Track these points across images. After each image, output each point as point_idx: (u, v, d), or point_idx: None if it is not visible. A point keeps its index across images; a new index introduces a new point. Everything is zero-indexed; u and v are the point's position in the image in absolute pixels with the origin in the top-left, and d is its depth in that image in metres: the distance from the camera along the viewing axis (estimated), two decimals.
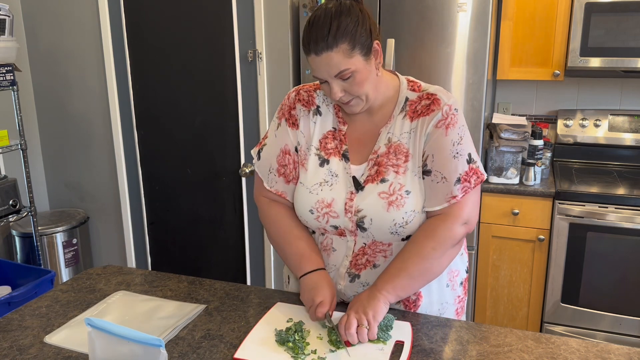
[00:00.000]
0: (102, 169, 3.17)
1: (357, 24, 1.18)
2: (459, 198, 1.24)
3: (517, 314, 2.66)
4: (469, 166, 1.25)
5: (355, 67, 1.19)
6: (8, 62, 2.62)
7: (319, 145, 1.34)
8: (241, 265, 3.01)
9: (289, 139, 1.37)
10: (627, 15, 2.39)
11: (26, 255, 3.02)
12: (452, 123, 1.25)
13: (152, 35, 2.87)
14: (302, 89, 1.38)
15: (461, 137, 1.25)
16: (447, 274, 1.38)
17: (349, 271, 1.33)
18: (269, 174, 1.39)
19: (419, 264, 1.24)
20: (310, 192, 1.31)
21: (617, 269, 2.41)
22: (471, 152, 1.27)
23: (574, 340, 1.21)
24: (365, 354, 1.15)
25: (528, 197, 2.50)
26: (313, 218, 1.32)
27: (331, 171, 1.31)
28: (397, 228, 1.26)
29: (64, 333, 1.26)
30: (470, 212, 1.27)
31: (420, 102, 1.28)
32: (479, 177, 1.27)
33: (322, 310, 1.23)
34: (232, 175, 2.91)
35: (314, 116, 1.35)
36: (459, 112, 1.27)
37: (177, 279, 1.53)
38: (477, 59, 2.35)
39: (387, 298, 1.22)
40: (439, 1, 2.34)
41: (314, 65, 1.21)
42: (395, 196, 1.25)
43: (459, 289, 1.43)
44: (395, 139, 1.28)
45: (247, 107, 2.78)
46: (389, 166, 1.27)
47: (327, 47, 1.16)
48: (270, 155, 1.38)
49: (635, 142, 2.79)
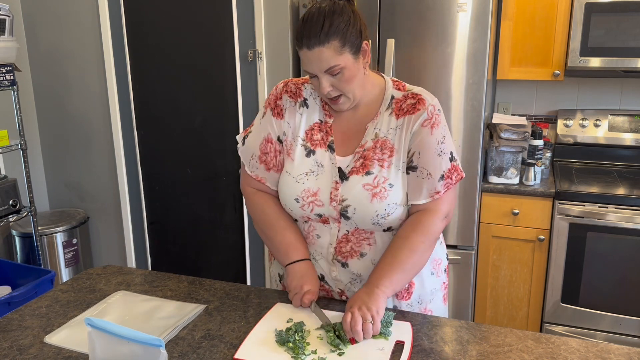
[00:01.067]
0: (102, 169, 3.17)
1: (348, 24, 1.24)
2: (442, 194, 1.32)
3: (517, 314, 2.66)
4: (451, 164, 1.33)
5: (344, 64, 1.25)
6: (8, 62, 2.62)
7: (305, 136, 1.39)
8: (241, 265, 3.01)
9: (273, 128, 1.42)
10: (627, 15, 2.39)
11: (26, 255, 3.02)
12: (437, 123, 1.32)
13: (152, 35, 2.87)
14: (291, 82, 1.44)
15: (444, 137, 1.33)
16: (431, 263, 1.45)
17: (336, 258, 1.38)
18: (251, 159, 1.45)
19: (410, 257, 1.30)
20: (297, 182, 1.36)
21: (617, 269, 2.41)
22: (452, 151, 1.35)
23: (574, 340, 1.21)
24: (366, 354, 1.15)
25: (528, 197, 2.50)
26: (298, 207, 1.37)
27: (317, 161, 1.37)
28: (379, 219, 1.31)
29: (64, 333, 1.26)
30: (449, 207, 1.36)
31: (406, 100, 1.34)
32: (459, 174, 1.35)
33: (310, 297, 1.31)
34: (232, 175, 2.91)
35: (300, 108, 1.41)
36: (441, 112, 1.35)
37: (177, 279, 1.53)
38: (477, 59, 2.35)
39: (385, 293, 1.26)
40: (439, 1, 2.34)
41: (305, 60, 1.27)
42: (379, 188, 1.31)
43: (443, 276, 1.50)
44: (382, 134, 1.34)
45: (247, 107, 2.78)
46: (375, 160, 1.33)
47: (319, 43, 1.23)
48: (254, 143, 1.44)
49: (635, 142, 2.79)
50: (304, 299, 1.31)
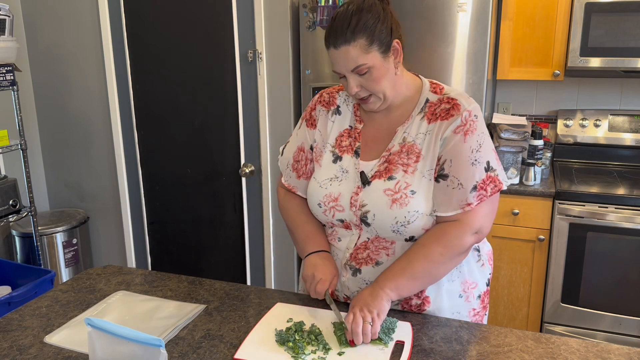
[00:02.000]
0: (102, 169, 3.17)
1: (377, 21, 1.21)
2: (474, 206, 1.23)
3: (517, 314, 2.66)
4: (486, 174, 1.24)
5: (372, 63, 1.22)
6: (8, 62, 2.62)
7: (335, 142, 1.39)
8: (241, 265, 3.01)
9: (306, 138, 1.44)
10: (627, 15, 2.39)
11: (26, 255, 3.02)
12: (471, 130, 1.24)
13: (152, 35, 2.87)
14: (326, 92, 1.45)
15: (480, 144, 1.24)
16: (461, 284, 1.36)
17: (349, 263, 1.35)
18: (287, 168, 1.49)
19: (424, 266, 1.24)
20: (320, 187, 1.35)
21: (617, 269, 2.41)
22: (490, 160, 1.25)
23: (574, 340, 1.21)
24: (366, 354, 1.15)
25: (528, 197, 2.50)
26: (321, 212, 1.36)
27: (342, 167, 1.35)
28: (399, 226, 1.25)
29: (64, 333, 1.26)
30: (483, 221, 1.25)
31: (440, 104, 1.28)
32: (496, 185, 1.25)
33: (322, 287, 1.29)
34: (232, 175, 2.91)
35: (333, 115, 1.41)
36: (480, 118, 1.26)
37: (177, 279, 1.53)
38: (477, 59, 2.35)
39: (389, 296, 1.23)
40: (439, 1, 2.34)
41: (333, 59, 1.25)
42: (400, 194, 1.25)
43: (475, 302, 1.39)
44: (410, 138, 1.29)
45: (247, 107, 2.78)
46: (399, 165, 1.28)
47: (345, 41, 1.20)
48: (289, 153, 1.48)
49: (635, 142, 2.79)
50: (317, 287, 1.29)
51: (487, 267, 1.43)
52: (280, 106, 2.72)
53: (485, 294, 1.42)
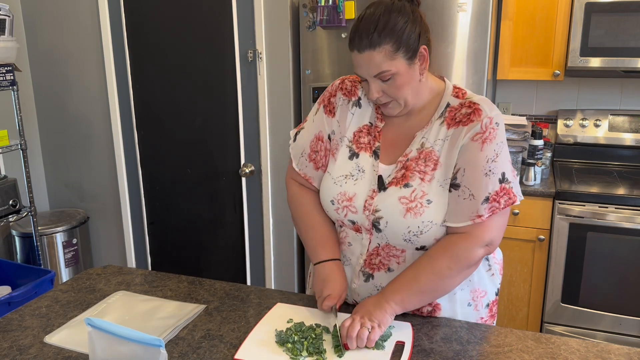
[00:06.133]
0: (102, 169, 3.17)
1: (406, 24, 1.15)
2: (485, 218, 1.19)
3: (517, 314, 2.66)
4: (500, 186, 1.18)
5: (396, 70, 1.16)
6: (8, 62, 2.62)
7: (353, 137, 1.33)
8: (241, 265, 3.01)
9: (324, 126, 1.36)
10: (627, 15, 2.39)
11: (26, 255, 3.02)
12: (490, 138, 1.18)
13: (152, 35, 2.87)
14: (348, 79, 1.37)
15: (497, 154, 1.18)
16: (470, 293, 1.33)
17: (363, 270, 1.32)
18: (301, 157, 1.40)
19: (431, 280, 1.21)
20: (335, 183, 1.31)
21: (617, 269, 2.41)
22: (506, 172, 1.20)
23: (574, 340, 1.21)
24: (366, 354, 1.15)
25: (528, 197, 2.50)
26: (333, 209, 1.31)
27: (359, 166, 1.30)
28: (411, 236, 1.22)
29: (64, 333, 1.26)
30: (494, 234, 1.21)
31: (461, 109, 1.22)
32: (510, 198, 1.19)
33: (329, 303, 1.26)
34: (232, 175, 2.91)
35: (353, 107, 1.34)
36: (501, 126, 1.20)
37: (177, 279, 1.53)
38: (477, 58, 2.35)
39: (394, 309, 1.21)
40: (439, 1, 2.34)
41: (355, 62, 1.20)
42: (415, 203, 1.20)
43: (484, 311, 1.36)
44: (428, 144, 1.23)
45: (247, 107, 2.78)
46: (416, 172, 1.22)
47: (369, 45, 1.14)
48: (305, 140, 1.39)
49: (635, 142, 2.79)
50: (324, 305, 1.27)
51: (498, 277, 1.40)
52: (280, 106, 2.72)
53: (494, 303, 1.40)
